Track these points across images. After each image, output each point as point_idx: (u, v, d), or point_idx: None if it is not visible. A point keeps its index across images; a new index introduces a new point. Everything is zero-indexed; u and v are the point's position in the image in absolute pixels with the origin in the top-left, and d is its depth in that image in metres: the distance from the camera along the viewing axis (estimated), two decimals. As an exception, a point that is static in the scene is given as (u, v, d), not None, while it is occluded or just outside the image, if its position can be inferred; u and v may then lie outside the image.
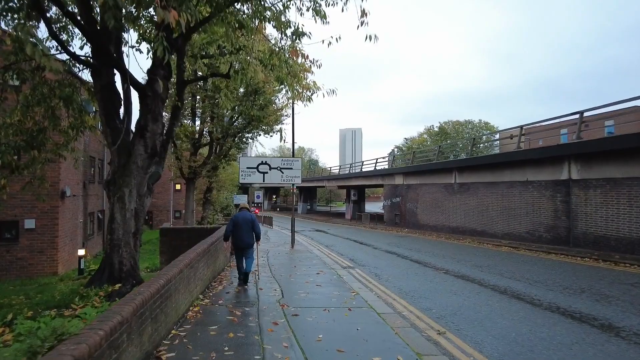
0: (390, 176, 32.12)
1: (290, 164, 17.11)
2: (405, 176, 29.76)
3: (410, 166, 29.17)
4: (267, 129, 27.55)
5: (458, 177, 23.48)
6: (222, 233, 10.51)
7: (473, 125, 73.29)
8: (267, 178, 16.99)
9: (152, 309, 4.47)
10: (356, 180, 39.97)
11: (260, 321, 6.07)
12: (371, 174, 36.17)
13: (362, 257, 14.94)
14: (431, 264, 12.97)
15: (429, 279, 10.50)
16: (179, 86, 10.51)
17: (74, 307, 6.36)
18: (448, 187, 24.46)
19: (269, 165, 17.02)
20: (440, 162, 25.51)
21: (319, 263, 12.51)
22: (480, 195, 21.42)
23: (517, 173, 18.83)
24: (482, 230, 21.20)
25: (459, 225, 23.31)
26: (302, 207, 62.54)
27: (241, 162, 17.09)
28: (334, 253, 16.05)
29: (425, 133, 79.40)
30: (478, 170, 21.51)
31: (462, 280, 10.28)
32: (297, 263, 12.49)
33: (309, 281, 9.37)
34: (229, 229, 8.94)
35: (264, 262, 12.52)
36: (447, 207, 24.57)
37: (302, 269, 11.12)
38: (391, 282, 9.95)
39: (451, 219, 24.10)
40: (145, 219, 37.88)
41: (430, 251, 16.51)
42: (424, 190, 27.24)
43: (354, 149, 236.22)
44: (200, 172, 22.21)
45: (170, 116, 11.01)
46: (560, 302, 7.83)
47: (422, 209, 27.51)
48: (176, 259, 6.50)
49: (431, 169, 25.83)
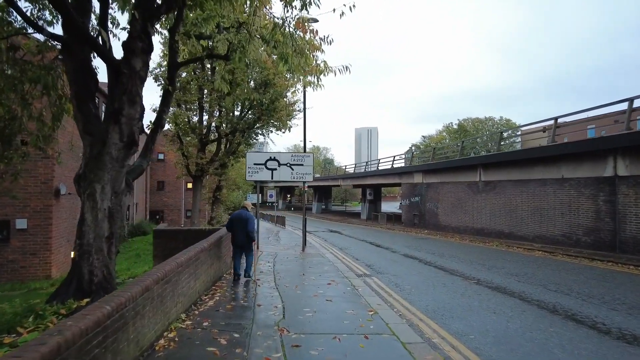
0: (408, 174, 30.46)
1: (300, 160, 15.72)
2: (424, 174, 28.08)
3: (430, 163, 27.47)
4: (278, 125, 26.31)
5: (483, 175, 21.73)
6: (220, 235, 9.27)
7: (494, 122, 70.88)
8: (275, 175, 15.66)
9: (84, 350, 3.12)
10: (372, 179, 38.39)
11: (250, 356, 4.68)
12: (388, 172, 34.55)
13: (379, 262, 13.46)
14: (459, 272, 11.40)
15: (459, 291, 8.96)
16: (171, 69, 9.25)
17: (21, 331, 5.08)
18: (472, 186, 22.73)
19: (278, 162, 15.67)
20: (463, 158, 23.78)
21: (332, 270, 11.08)
22: (508, 194, 19.66)
23: (551, 170, 17.04)
24: (510, 232, 19.44)
25: (483, 227, 21.57)
26: (317, 207, 61.18)
27: (248, 158, 15.79)
28: (348, 257, 14.61)
29: (444, 131, 77.18)
30: (505, 167, 19.75)
31: (499, 293, 8.72)
32: (307, 270, 11.09)
33: (317, 294, 7.95)
34: (227, 227, 9.37)
35: (269, 268, 11.17)
36: (470, 207, 22.84)
37: (312, 278, 9.71)
38: (415, 296, 8.46)
39: (475, 219, 22.37)
40: (156, 218, 37.25)
41: (455, 256, 14.91)
42: (445, 189, 25.53)
43: (370, 148, 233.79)
44: (207, 170, 21.03)
45: (160, 102, 9.75)
46: (634, 328, 6.22)
47: (443, 209, 25.80)
48: (147, 272, 5.17)
49: (453, 166, 24.10)
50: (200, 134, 20.87)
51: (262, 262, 12.27)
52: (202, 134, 20.93)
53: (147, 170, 37.06)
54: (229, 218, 9.47)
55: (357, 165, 47.71)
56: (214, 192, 26.68)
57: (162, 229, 11.07)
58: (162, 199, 38.96)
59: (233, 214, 9.48)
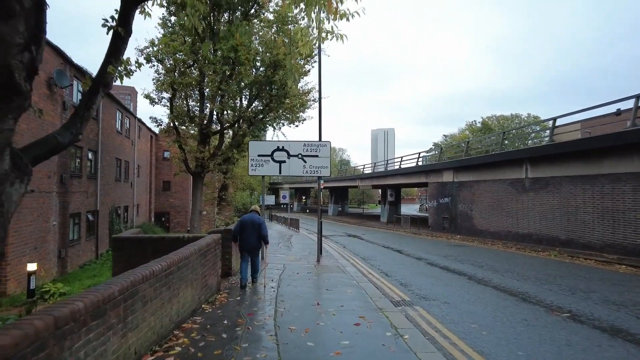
0: (436, 172, 27.19)
1: (315, 150, 12.77)
2: (456, 172, 24.79)
3: (463, 159, 24.19)
4: (291, 117, 23.48)
5: (531, 171, 18.40)
6: (201, 245, 6.39)
7: (520, 119, 66.77)
8: (284, 169, 12.74)
9: None
10: (394, 178, 35.15)
11: None
12: (412, 171, 31.31)
13: (417, 280, 10.38)
14: (532, 296, 8.25)
15: (556, 335, 5.85)
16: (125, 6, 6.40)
17: None
18: (516, 184, 19.40)
19: (287, 152, 12.75)
20: (505, 152, 20.42)
21: (357, 294, 8.07)
22: (565, 192, 16.31)
23: (626, 162, 13.69)
24: (567, 239, 16.07)
25: (531, 232, 18.22)
26: (333, 209, 58.17)
27: (251, 148, 12.91)
28: (375, 272, 11.57)
29: (467, 129, 73.27)
30: (562, 160, 16.40)
31: (630, 344, 5.57)
32: (323, 295, 8.09)
33: (341, 350, 4.91)
34: (236, 229, 8.84)
35: (273, 289, 8.22)
36: (514, 209, 19.51)
37: (330, 311, 6.70)
38: (497, 348, 5.38)
39: (520, 223, 19.03)
40: (161, 220, 34.85)
41: (511, 270, 11.71)
42: (482, 189, 22.22)
43: (386, 149, 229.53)
44: (208, 165, 18.25)
45: (107, 50, 6.93)
46: None
47: (479, 211, 22.49)
48: None
49: (493, 161, 20.78)
50: (201, 123, 18.11)
51: (265, 279, 9.35)
52: (202, 124, 18.16)
53: (152, 169, 34.66)
54: (238, 221, 9.13)
55: (377, 163, 44.46)
56: (219, 192, 23.97)
57: (125, 237, 8.23)
58: (168, 199, 36.48)
59: (243, 217, 9.07)
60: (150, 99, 17.35)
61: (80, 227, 17.13)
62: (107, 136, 20.54)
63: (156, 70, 16.98)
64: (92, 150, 18.40)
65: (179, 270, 5.30)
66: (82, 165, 17.17)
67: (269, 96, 18.13)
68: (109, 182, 21.11)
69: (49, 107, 13.65)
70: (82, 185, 17.19)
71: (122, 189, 24.04)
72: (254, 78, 18.17)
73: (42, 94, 13.06)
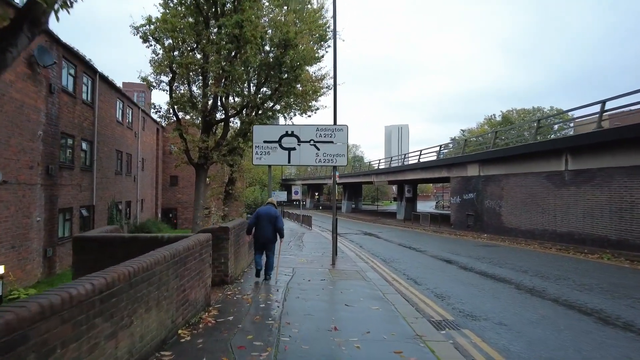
0: (460, 166, 25.13)
1: (329, 135, 10.98)
2: (482, 165, 22.72)
3: (491, 151, 22.09)
4: (302, 106, 21.72)
5: (571, 162, 16.30)
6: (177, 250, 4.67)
7: (543, 113, 63.82)
8: (294, 157, 10.99)
9: None
10: (412, 173, 33.10)
11: None
12: (432, 165, 29.26)
13: (454, 289, 8.53)
14: (612, 316, 6.35)
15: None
16: None
17: None
18: (553, 177, 17.31)
19: (298, 138, 10.99)
20: (541, 142, 18.29)
21: (384, 312, 6.28)
22: (617, 186, 14.21)
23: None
24: (620, 240, 13.98)
25: (572, 231, 16.14)
26: (347, 206, 56.32)
27: (255, 134, 11.19)
28: (401, 278, 9.76)
29: (486, 123, 70.60)
30: (612, 149, 14.31)
31: None
32: (340, 312, 6.31)
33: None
34: (251, 221, 8.57)
35: (277, 304, 6.48)
36: (551, 205, 17.43)
37: (352, 338, 4.90)
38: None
39: (559, 221, 16.95)
40: (169, 216, 33.49)
41: (562, 276, 9.76)
42: (512, 183, 20.15)
43: (400, 145, 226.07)
44: (212, 156, 16.60)
45: None
46: None
47: (508, 207, 20.42)
48: None
49: (527, 152, 18.67)
50: (204, 110, 16.45)
51: (268, 290, 7.63)
52: (205, 111, 16.50)
53: (158, 163, 33.30)
54: (254, 213, 8.78)
55: (393, 158, 42.38)
56: (226, 187, 22.35)
57: (90, 237, 6.59)
58: (175, 195, 35.15)
59: (260, 209, 8.78)
60: (147, 83, 15.76)
61: (73, 224, 15.66)
62: (105, 126, 19.06)
63: (154, 51, 15.37)
64: (86, 140, 16.91)
65: (131, 289, 3.59)
66: (74, 156, 15.68)
67: (278, 79, 16.36)
68: (107, 175, 19.66)
69: (30, 89, 12.13)
70: (74, 177, 15.70)
71: (123, 183, 22.61)
72: (262, 60, 16.43)
73: (20, 73, 11.53)
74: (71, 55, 14.98)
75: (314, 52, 18.88)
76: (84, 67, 16.33)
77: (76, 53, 15.11)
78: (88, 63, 16.37)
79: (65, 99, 14.68)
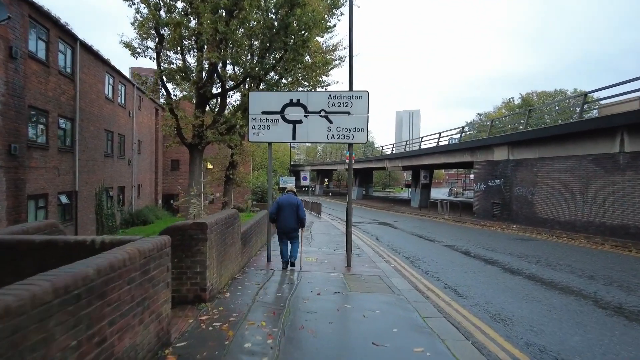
0: (485, 149, 22.68)
1: (346, 104, 8.71)
2: (511, 147, 20.28)
3: (522, 132, 19.61)
4: (313, 81, 19.43)
5: (629, 143, 13.85)
6: (95, 269, 2.42)
7: (565, 95, 60.39)
8: (300, 133, 8.77)
9: None
10: (429, 157, 30.67)
11: None
12: (453, 149, 26.81)
13: (514, 305, 6.33)
14: None
15: None
16: None
17: None
18: (603, 161, 14.88)
19: (305, 108, 8.75)
20: (590, 119, 15.77)
21: (433, 355, 4.12)
22: (690, 171, 11.78)
23: None
24: (692, 236, 11.61)
25: (628, 224, 13.79)
26: (358, 192, 54.07)
27: (252, 102, 8.95)
28: (438, 288, 7.57)
29: (504, 107, 67.27)
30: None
31: None
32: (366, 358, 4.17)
33: None
34: (272, 211, 8.36)
35: (270, 346, 4.36)
36: (599, 193, 15.04)
37: None
38: None
39: (609, 212, 14.57)
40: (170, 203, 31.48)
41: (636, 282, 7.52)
42: (548, 167, 17.73)
43: (411, 131, 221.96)
44: (207, 135, 14.46)
45: None
46: None
47: (543, 195, 18.04)
48: None
49: (568, 132, 16.21)
50: (197, 82, 14.23)
51: (261, 311, 5.54)
52: (199, 82, 14.28)
53: (158, 145, 31.33)
54: (275, 202, 8.43)
55: (408, 142, 39.83)
56: (227, 171, 20.27)
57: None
58: (177, 180, 33.22)
59: (280, 197, 8.43)
60: (131, 49, 13.55)
61: (48, 212, 13.71)
62: (90, 102, 16.96)
63: (137, 10, 13.12)
64: (65, 116, 14.84)
65: None
66: (47, 134, 13.64)
67: (283, 44, 14.03)
68: (95, 158, 17.65)
69: (-18, 50, 10.02)
70: (49, 159, 13.69)
71: (115, 166, 20.64)
72: (264, 22, 14.10)
73: (-36, 28, 9.40)
74: (41, 16, 12.80)
75: (324, 16, 16.48)
76: (59, 32, 14.14)
77: (46, 13, 12.92)
78: (64, 27, 14.17)
79: (35, 67, 12.57)
